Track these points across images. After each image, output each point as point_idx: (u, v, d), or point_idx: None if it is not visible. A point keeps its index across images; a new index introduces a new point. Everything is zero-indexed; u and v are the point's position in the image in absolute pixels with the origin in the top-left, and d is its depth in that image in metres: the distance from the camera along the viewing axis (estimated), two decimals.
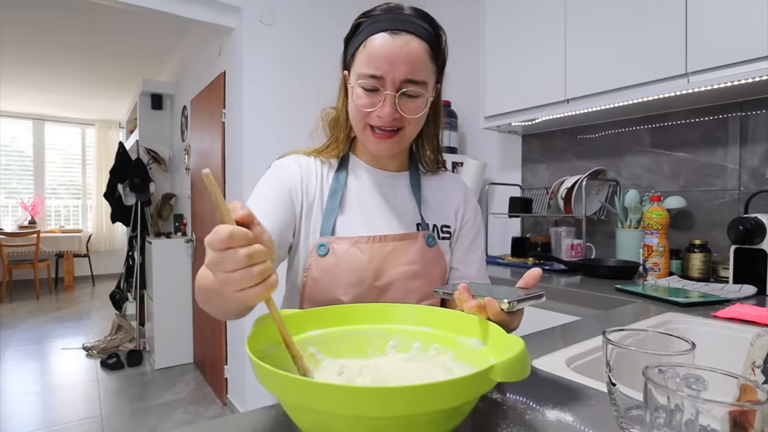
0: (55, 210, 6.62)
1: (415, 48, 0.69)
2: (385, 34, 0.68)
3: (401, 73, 0.68)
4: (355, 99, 0.72)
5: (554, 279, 1.53)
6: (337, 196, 0.78)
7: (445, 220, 0.84)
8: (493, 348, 0.50)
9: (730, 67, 1.25)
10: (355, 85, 0.72)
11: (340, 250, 0.74)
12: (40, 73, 4.61)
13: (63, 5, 3.09)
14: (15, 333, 4.01)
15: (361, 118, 0.73)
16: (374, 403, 0.35)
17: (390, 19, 0.69)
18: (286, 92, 2.37)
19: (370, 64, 0.69)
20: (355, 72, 0.72)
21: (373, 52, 0.69)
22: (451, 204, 0.85)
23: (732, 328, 0.88)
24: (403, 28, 0.69)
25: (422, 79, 0.70)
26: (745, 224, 1.24)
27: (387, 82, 0.69)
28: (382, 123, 0.71)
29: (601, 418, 0.48)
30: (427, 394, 0.35)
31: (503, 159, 2.32)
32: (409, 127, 0.73)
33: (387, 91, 0.69)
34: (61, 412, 2.53)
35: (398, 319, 0.59)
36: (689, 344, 0.44)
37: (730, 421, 0.32)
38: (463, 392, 0.38)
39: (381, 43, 0.68)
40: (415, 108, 0.71)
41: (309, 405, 0.36)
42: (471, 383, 0.38)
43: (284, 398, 0.40)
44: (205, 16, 2.29)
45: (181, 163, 3.90)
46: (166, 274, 3.25)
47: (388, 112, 0.69)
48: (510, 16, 1.90)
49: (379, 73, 0.68)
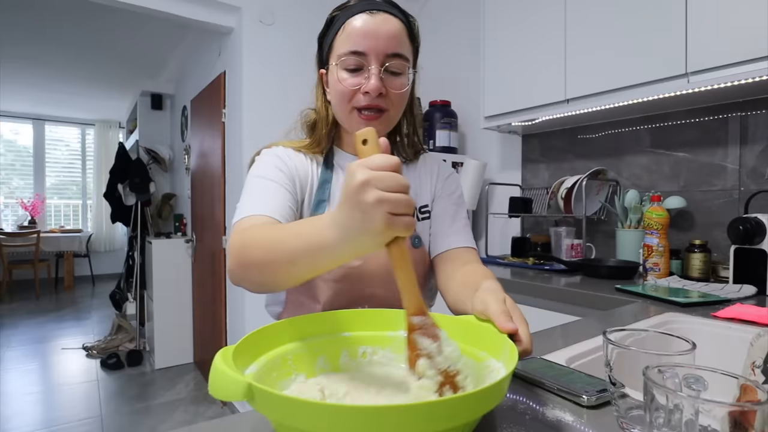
0: (55, 210, 6.63)
1: (394, 24, 0.72)
2: (363, 14, 0.71)
3: (384, 47, 0.70)
4: (340, 81, 0.72)
5: (554, 279, 1.53)
6: (325, 188, 0.79)
7: (423, 201, 0.86)
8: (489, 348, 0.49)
9: (730, 67, 1.25)
10: (337, 68, 0.72)
11: None
12: (40, 73, 4.61)
13: (63, 5, 3.09)
14: (15, 333, 4.01)
15: (347, 101, 0.73)
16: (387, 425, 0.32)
17: (365, 3, 0.72)
18: (286, 92, 2.37)
19: (353, 42, 0.71)
20: (336, 55, 0.73)
21: (354, 30, 0.71)
22: (426, 185, 0.87)
23: (732, 328, 0.87)
24: (380, 8, 0.72)
25: (404, 53, 0.73)
26: (745, 224, 1.24)
27: (371, 58, 0.70)
28: (369, 101, 0.71)
29: (601, 418, 0.48)
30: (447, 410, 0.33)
31: (503, 159, 2.32)
32: (392, 109, 0.74)
33: (371, 66, 0.70)
34: (61, 412, 2.53)
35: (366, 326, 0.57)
36: (689, 344, 0.44)
37: (730, 422, 0.32)
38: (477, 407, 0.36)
39: (362, 22, 0.71)
40: (400, 84, 0.73)
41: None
42: (486, 396, 0.36)
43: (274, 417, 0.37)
44: (205, 16, 2.29)
45: (181, 163, 3.90)
46: (166, 274, 3.25)
47: (375, 86, 0.70)
48: (510, 16, 1.90)
49: (361, 49, 0.70)
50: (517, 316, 0.50)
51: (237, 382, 0.35)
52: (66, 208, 6.73)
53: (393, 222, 0.41)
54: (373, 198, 0.40)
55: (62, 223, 6.63)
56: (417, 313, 0.46)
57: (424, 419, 0.32)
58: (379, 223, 0.41)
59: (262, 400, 0.34)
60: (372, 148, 0.44)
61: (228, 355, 0.41)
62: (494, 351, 0.48)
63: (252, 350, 0.47)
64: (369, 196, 0.41)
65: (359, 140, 0.45)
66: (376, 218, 0.41)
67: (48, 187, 6.53)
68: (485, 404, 0.37)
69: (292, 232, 0.54)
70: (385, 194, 0.41)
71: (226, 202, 2.57)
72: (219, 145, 2.59)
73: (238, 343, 0.44)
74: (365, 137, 0.45)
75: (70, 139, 6.74)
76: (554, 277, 1.58)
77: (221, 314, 2.64)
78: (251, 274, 0.58)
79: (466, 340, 0.52)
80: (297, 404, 0.33)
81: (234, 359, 0.41)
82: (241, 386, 0.34)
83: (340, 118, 0.78)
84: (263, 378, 0.46)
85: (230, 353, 0.41)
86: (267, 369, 0.47)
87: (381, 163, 0.42)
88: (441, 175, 0.89)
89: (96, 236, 6.56)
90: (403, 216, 0.42)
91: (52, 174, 6.59)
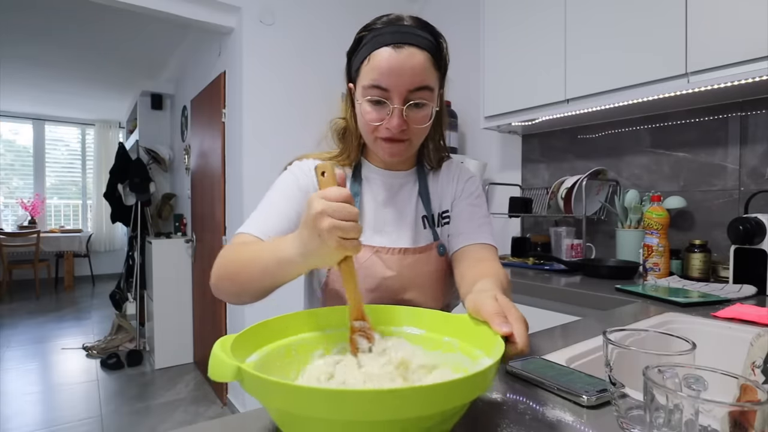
0: (55, 210, 6.62)
1: (419, 60, 0.70)
2: (388, 49, 0.70)
3: (407, 85, 0.70)
4: (364, 114, 0.74)
5: (554, 279, 1.53)
6: (355, 201, 0.80)
7: (445, 206, 0.88)
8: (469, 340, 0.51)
9: (730, 67, 1.25)
10: (362, 101, 0.74)
11: (362, 258, 0.78)
12: (40, 73, 4.61)
13: (63, 5, 3.08)
14: (15, 333, 4.01)
15: (371, 132, 0.76)
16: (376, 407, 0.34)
17: (392, 32, 0.71)
18: (286, 92, 2.37)
19: (376, 79, 0.71)
20: (361, 86, 0.74)
21: (378, 66, 0.70)
22: (447, 191, 0.89)
23: (732, 328, 0.87)
24: (406, 41, 0.70)
25: (429, 85, 0.72)
26: (745, 224, 1.24)
27: (393, 95, 0.71)
28: (391, 135, 0.74)
29: (601, 418, 0.48)
30: (436, 394, 0.35)
31: (503, 159, 2.32)
32: (415, 138, 0.77)
33: (394, 105, 0.71)
34: (61, 412, 2.53)
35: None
36: (689, 344, 0.44)
37: (730, 422, 0.32)
38: (462, 394, 0.37)
39: (386, 58, 0.70)
40: (422, 118, 0.74)
41: (304, 412, 0.36)
42: (470, 384, 0.37)
43: (270, 405, 0.40)
44: (205, 16, 2.29)
45: (181, 163, 3.90)
46: (166, 274, 3.25)
47: (396, 125, 0.72)
48: (510, 16, 1.90)
49: (384, 85, 0.70)
50: (512, 315, 0.50)
51: (228, 366, 0.40)
52: (66, 208, 6.72)
53: (343, 245, 0.50)
54: (327, 225, 0.48)
55: (62, 223, 6.62)
56: (357, 318, 0.55)
57: (392, 405, 0.34)
58: (333, 246, 0.50)
59: (250, 382, 0.38)
60: (329, 180, 0.53)
61: (227, 342, 0.45)
62: (489, 350, 0.49)
63: (254, 340, 0.51)
64: (324, 223, 0.49)
65: (319, 172, 0.53)
66: (330, 242, 0.49)
67: (48, 187, 6.53)
68: (458, 395, 0.38)
69: (263, 248, 0.64)
70: (337, 222, 0.48)
71: (226, 202, 2.57)
72: (219, 145, 2.59)
73: (239, 333, 0.48)
74: (324, 170, 0.53)
75: (70, 139, 6.73)
76: (554, 277, 1.58)
77: (221, 314, 2.64)
78: (226, 285, 0.68)
79: (463, 338, 0.54)
80: (277, 387, 0.36)
81: (235, 347, 0.45)
82: (231, 369, 0.39)
83: (367, 143, 0.81)
84: (264, 365, 0.49)
85: (230, 342, 0.45)
86: (270, 357, 0.51)
87: (335, 195, 0.50)
88: (461, 178, 0.90)
89: (96, 236, 6.55)
90: (352, 240, 0.50)
91: (52, 174, 6.59)
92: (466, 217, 0.86)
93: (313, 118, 2.34)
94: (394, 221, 0.84)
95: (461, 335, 0.54)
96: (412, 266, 0.80)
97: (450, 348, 0.54)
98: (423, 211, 0.85)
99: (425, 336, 0.57)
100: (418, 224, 0.84)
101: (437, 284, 0.83)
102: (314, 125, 0.82)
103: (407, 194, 0.86)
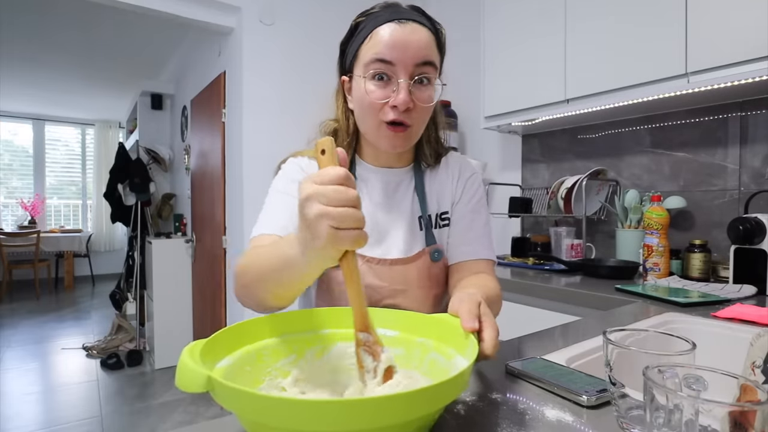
0: (55, 210, 6.62)
1: (424, 34, 0.70)
2: (392, 23, 0.69)
3: (413, 59, 0.68)
4: (368, 94, 0.70)
5: (554, 279, 1.53)
6: (355, 183, 0.79)
7: (444, 207, 0.84)
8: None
9: (730, 67, 1.24)
10: (365, 78, 0.70)
11: None
12: (40, 73, 4.61)
13: (63, 5, 3.09)
14: (15, 333, 4.01)
15: (375, 114, 0.71)
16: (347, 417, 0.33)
17: (393, 12, 0.70)
18: (286, 92, 2.37)
19: (380, 52, 0.68)
20: (362, 64, 0.71)
21: (383, 40, 0.68)
22: (447, 190, 0.85)
23: (732, 328, 0.87)
24: (409, 17, 0.70)
25: (433, 61, 0.71)
26: (745, 224, 1.24)
27: (399, 69, 0.68)
28: (396, 115, 0.70)
29: (601, 418, 0.48)
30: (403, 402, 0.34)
31: (503, 159, 2.32)
32: (416, 125, 0.73)
33: (401, 79, 0.68)
34: (61, 412, 2.53)
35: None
36: (689, 344, 0.44)
37: (730, 422, 0.32)
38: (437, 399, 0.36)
39: (390, 31, 0.68)
40: (427, 97, 0.71)
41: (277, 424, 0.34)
42: (445, 389, 0.37)
43: (242, 415, 0.37)
44: (205, 16, 2.29)
45: (181, 163, 3.90)
46: (166, 274, 3.25)
47: (403, 100, 0.68)
48: (510, 15, 1.90)
49: (390, 59, 0.68)
50: (487, 321, 0.50)
51: (199, 375, 0.36)
52: (66, 208, 6.72)
53: (337, 236, 0.41)
54: (315, 212, 0.40)
55: (62, 223, 6.62)
56: (362, 329, 0.48)
57: (357, 414, 0.33)
58: (323, 238, 0.41)
59: (221, 392, 0.35)
60: (329, 158, 0.44)
61: (196, 349, 0.41)
62: (462, 349, 0.49)
63: (225, 344, 0.48)
64: (311, 210, 0.41)
65: (318, 149, 0.45)
66: (319, 232, 0.41)
67: (48, 187, 6.53)
68: (430, 401, 0.36)
69: (271, 251, 0.56)
70: (326, 208, 0.40)
71: (226, 202, 2.57)
72: (219, 145, 2.59)
73: (208, 339, 0.45)
74: (324, 147, 0.44)
75: (70, 139, 6.73)
76: (554, 277, 1.58)
77: (221, 314, 2.64)
78: (247, 293, 0.61)
79: (438, 338, 0.53)
80: (247, 397, 0.34)
81: (204, 353, 0.42)
82: (201, 378, 0.36)
83: (366, 130, 0.76)
84: (235, 371, 0.46)
85: (199, 348, 0.42)
86: (240, 363, 0.48)
87: (328, 177, 0.41)
88: (462, 176, 0.86)
89: (96, 236, 6.55)
90: (349, 230, 0.41)
91: (52, 174, 6.58)
92: (466, 226, 0.83)
93: (313, 118, 2.33)
94: (388, 226, 0.80)
95: (435, 335, 0.53)
96: (403, 273, 0.77)
97: (425, 348, 0.53)
98: (419, 212, 0.82)
99: (399, 337, 0.56)
100: (413, 226, 0.81)
101: (429, 291, 0.80)
102: (314, 125, 0.81)
103: (403, 193, 0.82)
